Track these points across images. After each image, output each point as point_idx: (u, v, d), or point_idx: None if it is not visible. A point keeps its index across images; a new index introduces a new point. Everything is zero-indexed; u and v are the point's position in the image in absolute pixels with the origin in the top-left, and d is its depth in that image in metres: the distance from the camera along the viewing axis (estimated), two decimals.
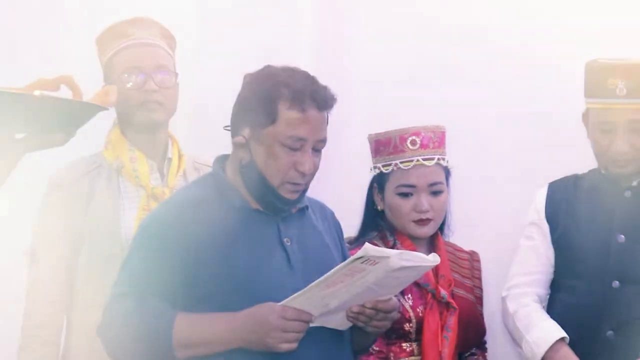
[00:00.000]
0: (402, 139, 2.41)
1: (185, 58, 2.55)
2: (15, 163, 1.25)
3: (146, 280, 1.89)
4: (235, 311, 1.86)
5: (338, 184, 2.97)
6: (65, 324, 2.33)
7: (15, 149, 1.23)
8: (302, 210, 2.06)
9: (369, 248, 1.78)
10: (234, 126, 1.98)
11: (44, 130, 1.24)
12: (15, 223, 1.35)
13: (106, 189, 2.29)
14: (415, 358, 2.36)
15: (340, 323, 1.96)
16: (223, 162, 2.04)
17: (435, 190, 2.42)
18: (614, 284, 2.40)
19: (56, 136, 1.24)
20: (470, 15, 2.96)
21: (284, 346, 1.84)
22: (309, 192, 2.07)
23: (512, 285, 2.53)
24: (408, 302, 2.37)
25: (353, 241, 2.45)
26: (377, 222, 2.48)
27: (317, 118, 1.93)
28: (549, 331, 2.40)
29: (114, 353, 1.94)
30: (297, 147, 1.91)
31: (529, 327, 2.43)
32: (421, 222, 2.41)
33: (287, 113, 1.90)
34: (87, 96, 1.28)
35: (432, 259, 1.89)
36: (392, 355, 2.36)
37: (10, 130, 1.22)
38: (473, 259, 2.58)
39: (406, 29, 3.05)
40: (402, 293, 2.29)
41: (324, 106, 1.94)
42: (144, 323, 1.85)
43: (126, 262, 1.96)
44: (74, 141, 1.40)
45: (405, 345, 2.37)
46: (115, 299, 1.91)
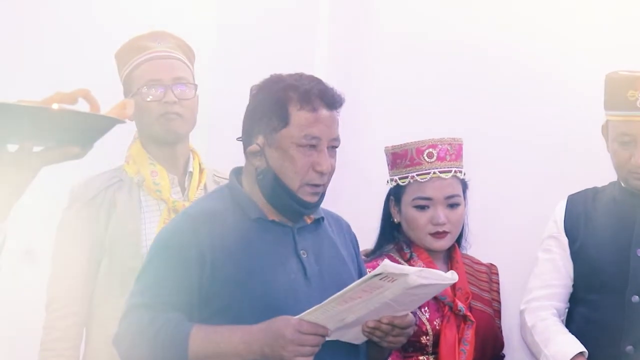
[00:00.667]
0: (419, 152, 2.41)
1: (204, 71, 2.56)
2: (33, 176, 1.27)
3: (162, 291, 1.89)
4: (251, 323, 1.86)
5: (354, 196, 2.97)
6: (85, 336, 2.34)
7: (33, 162, 1.24)
8: (318, 221, 2.06)
9: (388, 265, 1.78)
10: (246, 137, 1.99)
11: (61, 143, 1.25)
12: (15, 223, 1.35)
13: (127, 203, 2.30)
14: None
15: (356, 337, 1.96)
16: (239, 174, 2.05)
17: (452, 203, 2.42)
18: (634, 299, 2.38)
19: (74, 149, 1.25)
20: (488, 29, 2.96)
21: None
22: (325, 204, 2.07)
23: (531, 298, 2.51)
24: (425, 315, 2.36)
25: (369, 254, 2.45)
26: (394, 235, 2.48)
27: (328, 117, 1.94)
28: (567, 345, 2.39)
29: None
30: (313, 145, 1.92)
31: (547, 341, 2.41)
32: (438, 235, 2.41)
33: (299, 114, 1.92)
34: (105, 109, 1.29)
35: (451, 276, 1.89)
36: None
37: (28, 144, 1.23)
38: (491, 272, 2.56)
39: (423, 41, 3.05)
40: (419, 306, 2.28)
41: (333, 105, 1.96)
42: (160, 334, 1.85)
43: (142, 273, 1.96)
44: (95, 155, 1.41)
45: (422, 358, 2.36)
46: (131, 310, 1.91)
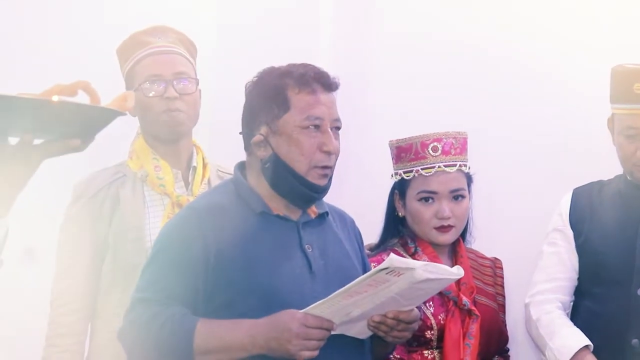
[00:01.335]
0: (424, 145, 2.41)
1: (206, 67, 2.56)
2: (34, 169, 1.27)
3: (167, 285, 1.89)
4: (256, 318, 1.86)
5: (358, 190, 2.97)
6: (90, 331, 2.34)
7: (34, 155, 1.24)
8: (322, 216, 2.06)
9: (394, 259, 1.77)
10: (248, 131, 1.99)
11: (62, 136, 1.24)
12: (15, 222, 1.35)
13: (131, 198, 2.30)
14: None
15: (361, 332, 1.96)
16: (243, 168, 2.05)
17: (456, 197, 2.41)
18: (639, 292, 2.37)
19: (75, 142, 1.25)
20: (490, 24, 2.96)
21: (305, 354, 1.83)
22: (330, 198, 2.07)
23: (536, 292, 2.51)
24: (429, 310, 2.35)
25: (374, 248, 2.45)
26: (398, 229, 2.47)
27: (327, 98, 1.97)
28: (572, 339, 2.38)
29: (134, 358, 1.94)
30: (317, 126, 1.93)
31: (552, 335, 2.41)
32: (443, 229, 2.40)
33: (298, 97, 1.94)
34: (105, 103, 1.29)
35: (456, 271, 1.89)
36: None
37: (28, 136, 1.23)
38: (495, 266, 2.56)
39: (426, 38, 3.05)
40: (424, 301, 2.27)
41: (330, 87, 1.98)
42: (165, 328, 1.85)
43: (147, 268, 1.96)
44: (98, 151, 1.41)
45: (427, 353, 2.36)
46: (136, 304, 1.91)
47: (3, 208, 1.28)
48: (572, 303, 2.53)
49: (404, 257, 2.27)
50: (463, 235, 2.50)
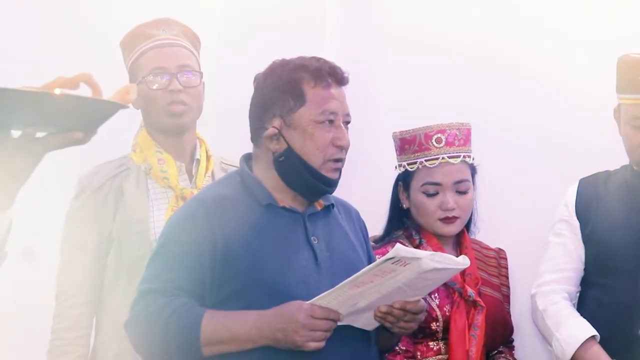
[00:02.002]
0: (428, 137, 2.40)
1: (210, 59, 2.55)
2: (36, 162, 1.27)
3: (173, 276, 1.89)
4: (262, 309, 1.86)
5: (363, 183, 2.97)
6: (95, 324, 2.34)
7: (36, 148, 1.24)
8: (328, 208, 2.06)
9: (400, 249, 1.77)
10: (259, 123, 1.99)
11: (64, 128, 1.24)
12: (15, 222, 1.35)
13: (135, 191, 2.30)
14: (443, 357, 2.35)
15: (368, 323, 1.96)
16: (249, 160, 2.05)
17: (461, 189, 2.41)
18: None
19: (77, 134, 1.25)
20: (495, 16, 2.96)
21: (312, 345, 1.83)
22: (335, 191, 2.07)
23: (542, 282, 2.51)
24: (435, 301, 2.35)
25: (378, 240, 2.45)
26: (403, 221, 2.47)
27: (340, 92, 1.99)
28: (579, 329, 2.38)
29: (141, 349, 1.94)
30: (331, 121, 1.95)
31: (558, 325, 2.40)
32: (447, 220, 2.40)
33: (313, 91, 1.95)
34: (107, 94, 1.29)
35: (463, 261, 1.89)
36: (419, 354, 2.34)
37: (31, 129, 1.23)
38: (500, 257, 2.56)
39: (432, 30, 3.05)
40: (429, 292, 2.27)
41: (342, 81, 2.00)
42: (171, 320, 1.85)
43: (153, 259, 1.96)
44: (100, 144, 1.41)
45: (432, 344, 2.36)
46: (143, 295, 1.91)
47: (6, 201, 1.28)
48: (579, 294, 2.52)
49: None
50: (467, 226, 2.50)
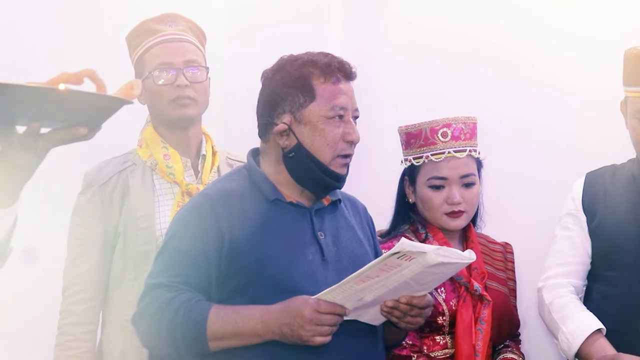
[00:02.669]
0: (433, 131, 2.40)
1: (216, 54, 2.55)
2: (41, 158, 1.27)
3: (180, 271, 1.90)
4: (268, 304, 1.87)
5: (370, 178, 2.97)
6: (101, 319, 2.35)
7: (41, 144, 1.24)
8: (335, 203, 2.06)
9: (406, 243, 1.76)
10: (268, 119, 1.99)
11: (69, 124, 1.24)
12: (20, 218, 1.35)
13: (141, 186, 2.30)
14: (449, 351, 2.35)
15: (374, 318, 1.96)
16: (257, 155, 2.05)
17: (467, 182, 2.40)
18: None
19: (81, 130, 1.25)
20: (501, 10, 2.95)
21: (318, 339, 1.84)
22: None
23: (548, 276, 2.50)
24: (441, 296, 2.35)
25: (385, 234, 2.45)
26: (409, 215, 2.47)
27: (349, 88, 1.99)
28: (585, 322, 2.37)
29: (148, 343, 1.95)
30: (341, 116, 1.95)
31: (565, 318, 2.40)
32: (453, 215, 2.40)
33: (323, 87, 1.95)
34: (112, 90, 1.29)
35: (469, 255, 1.88)
36: (426, 349, 2.34)
37: (35, 125, 1.23)
38: (506, 251, 2.55)
39: (437, 22, 3.04)
40: (435, 287, 2.27)
41: (351, 76, 2.00)
42: (178, 314, 1.86)
43: (161, 254, 1.97)
44: (106, 139, 1.41)
45: (439, 338, 2.36)
46: (150, 290, 1.92)
47: (11, 196, 1.28)
48: (585, 287, 2.52)
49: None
50: (474, 220, 2.49)
